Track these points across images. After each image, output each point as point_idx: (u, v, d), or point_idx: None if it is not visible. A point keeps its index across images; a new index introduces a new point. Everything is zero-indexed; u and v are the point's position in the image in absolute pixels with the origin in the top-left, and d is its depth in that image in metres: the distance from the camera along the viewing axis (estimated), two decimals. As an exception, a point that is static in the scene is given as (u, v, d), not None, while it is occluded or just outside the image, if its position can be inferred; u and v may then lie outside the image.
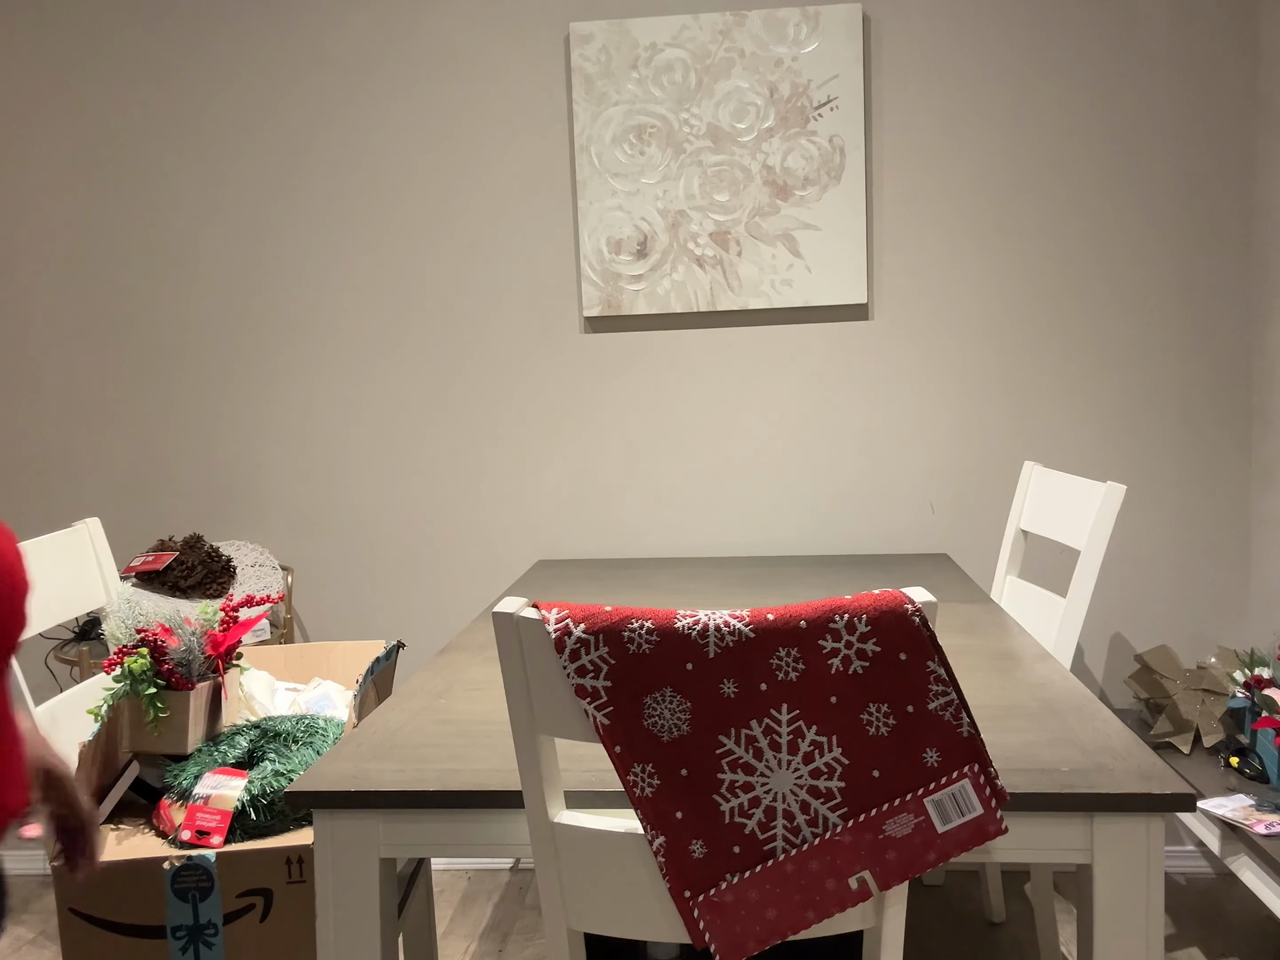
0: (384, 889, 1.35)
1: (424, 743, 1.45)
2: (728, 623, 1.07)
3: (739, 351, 2.68)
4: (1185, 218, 2.56)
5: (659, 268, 2.62)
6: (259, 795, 1.75)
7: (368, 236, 2.73)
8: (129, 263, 2.78)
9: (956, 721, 1.09)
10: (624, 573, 2.50)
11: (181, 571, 2.49)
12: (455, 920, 2.56)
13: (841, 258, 2.59)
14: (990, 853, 1.24)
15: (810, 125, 2.57)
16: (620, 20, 2.58)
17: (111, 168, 2.76)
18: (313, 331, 2.76)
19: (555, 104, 2.66)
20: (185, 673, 1.86)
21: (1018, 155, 2.58)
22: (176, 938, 1.70)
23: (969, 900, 2.58)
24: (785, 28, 2.54)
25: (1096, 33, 2.53)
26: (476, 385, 2.74)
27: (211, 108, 2.73)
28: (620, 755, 1.09)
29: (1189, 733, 2.31)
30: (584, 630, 1.08)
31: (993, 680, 1.62)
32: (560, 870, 1.16)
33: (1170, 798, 1.20)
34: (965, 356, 2.64)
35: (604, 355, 2.71)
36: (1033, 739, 1.38)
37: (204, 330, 2.78)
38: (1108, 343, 2.61)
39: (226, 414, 2.80)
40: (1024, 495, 2.39)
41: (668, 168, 2.60)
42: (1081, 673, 2.68)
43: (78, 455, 2.82)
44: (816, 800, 1.09)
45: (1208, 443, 2.60)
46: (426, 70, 2.68)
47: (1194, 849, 2.68)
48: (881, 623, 1.06)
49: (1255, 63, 2.51)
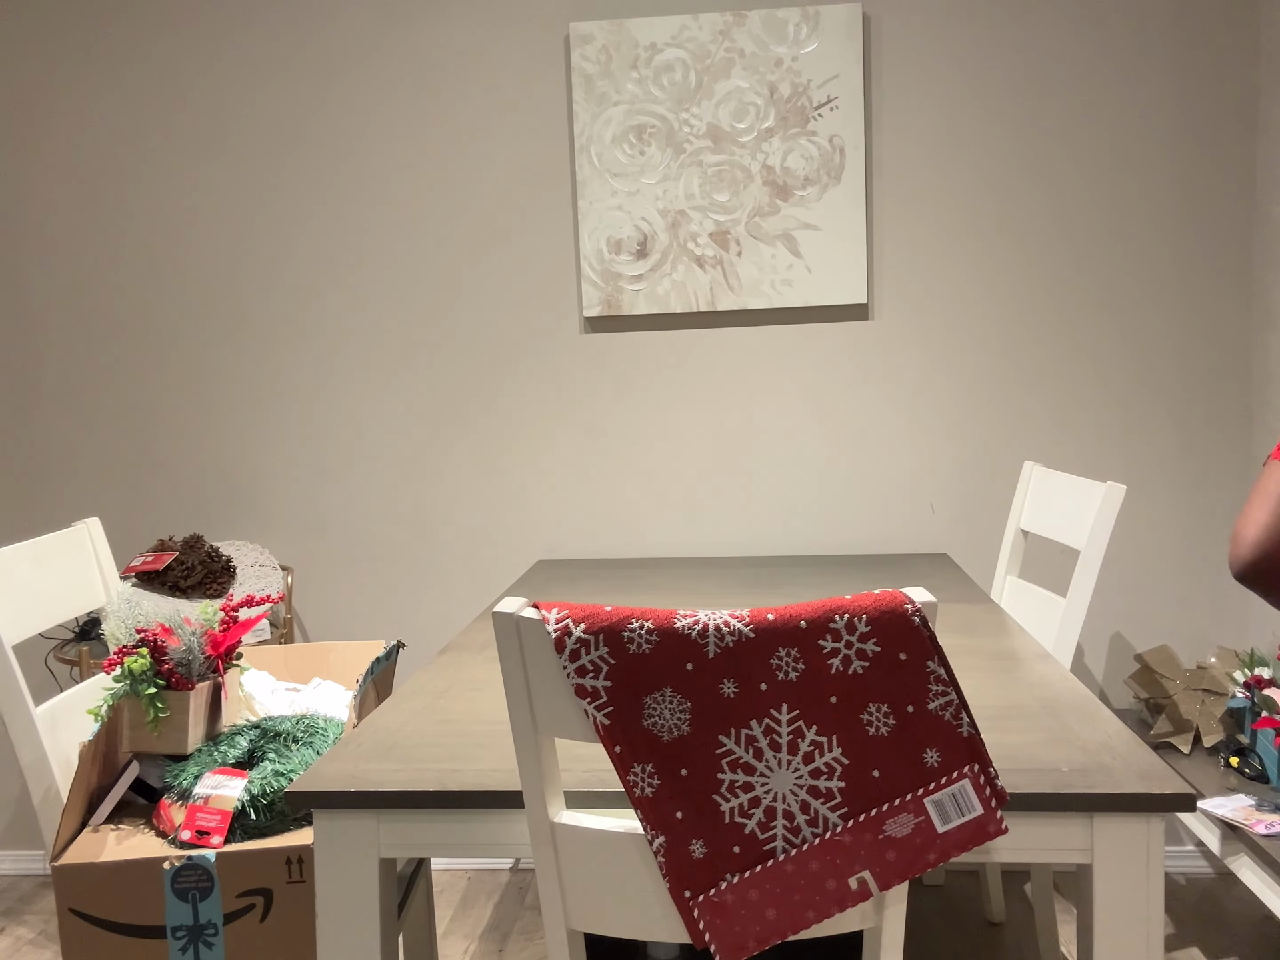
0: (384, 889, 1.35)
1: (424, 743, 1.45)
2: (728, 623, 1.07)
3: (739, 352, 2.68)
4: (1185, 218, 2.56)
5: (659, 268, 2.62)
6: (259, 795, 1.75)
7: (367, 236, 2.73)
8: (129, 263, 2.78)
9: (956, 721, 1.09)
10: (624, 573, 2.50)
11: (181, 571, 2.49)
12: (455, 920, 2.56)
13: (841, 258, 2.59)
14: (990, 853, 1.24)
15: (810, 125, 2.57)
16: (620, 20, 2.58)
17: (112, 168, 2.76)
18: (313, 332, 2.76)
19: (555, 104, 2.66)
20: (185, 673, 1.86)
21: (1018, 155, 2.58)
22: (176, 938, 1.70)
23: (969, 900, 2.58)
24: (785, 28, 2.54)
25: (1096, 33, 2.53)
26: (476, 385, 2.74)
27: (211, 108, 2.73)
28: (620, 755, 1.09)
29: (1189, 733, 2.31)
30: (584, 630, 1.08)
31: (993, 680, 1.62)
32: (560, 870, 1.16)
33: (1170, 798, 1.20)
34: (965, 356, 2.64)
35: (604, 355, 2.71)
36: (1033, 739, 1.38)
37: (204, 330, 2.78)
38: (1108, 342, 2.61)
39: (227, 414, 2.80)
40: (1024, 495, 2.39)
41: (668, 168, 2.60)
42: (1081, 673, 2.68)
43: (78, 455, 2.82)
44: (816, 800, 1.09)
45: (1208, 443, 2.60)
46: (426, 71, 2.68)
47: (1194, 849, 2.68)
48: (881, 623, 1.06)
49: (1255, 63, 2.51)
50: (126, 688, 1.83)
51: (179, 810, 1.76)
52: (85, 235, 2.78)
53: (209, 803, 1.74)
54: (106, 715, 1.80)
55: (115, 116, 2.75)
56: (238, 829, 1.73)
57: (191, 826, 1.72)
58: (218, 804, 1.74)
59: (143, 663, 1.81)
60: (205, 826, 1.72)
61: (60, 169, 2.77)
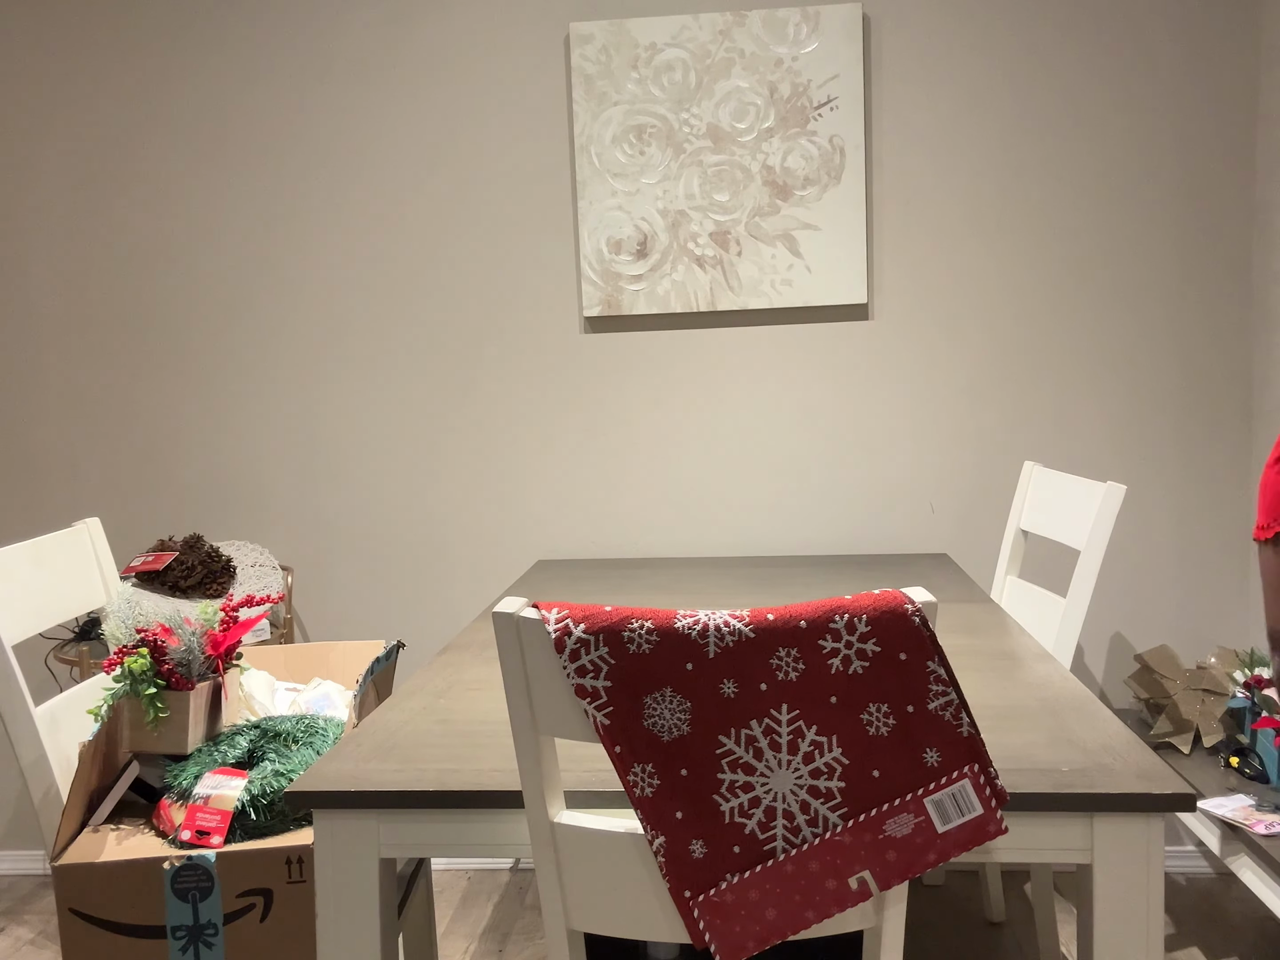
0: (384, 889, 1.35)
1: (424, 743, 1.45)
2: (728, 623, 1.07)
3: (739, 352, 2.68)
4: (1186, 218, 2.56)
5: (659, 268, 2.62)
6: (259, 795, 1.75)
7: (367, 237, 2.73)
8: (130, 263, 2.78)
9: (956, 721, 1.09)
10: (624, 573, 2.50)
11: (181, 571, 2.49)
12: (455, 920, 2.56)
13: (841, 258, 2.59)
14: (990, 853, 1.24)
15: (810, 125, 2.57)
16: (620, 20, 2.58)
17: (114, 169, 2.76)
18: (313, 332, 2.76)
19: (555, 104, 2.66)
20: (185, 673, 1.86)
21: (1018, 155, 2.58)
22: (176, 938, 1.70)
23: (969, 900, 2.58)
24: (785, 28, 2.54)
25: (1096, 33, 2.53)
26: (476, 385, 2.74)
27: (211, 109, 2.73)
28: (620, 755, 1.09)
29: (1189, 733, 2.31)
30: (584, 630, 1.08)
31: (993, 680, 1.62)
32: (560, 870, 1.16)
33: (1170, 798, 1.20)
34: (965, 356, 2.64)
35: (604, 355, 2.71)
36: (1033, 739, 1.37)
37: (204, 330, 2.78)
38: (1108, 342, 2.61)
39: (227, 414, 2.80)
40: (1024, 495, 2.39)
41: (668, 168, 2.60)
42: (1081, 673, 2.68)
43: (78, 455, 2.82)
44: (816, 800, 1.09)
45: (1208, 443, 2.60)
46: (426, 71, 2.68)
47: (1194, 849, 2.68)
48: (881, 623, 1.06)
49: (1256, 62, 2.51)
50: (126, 688, 1.83)
51: (179, 810, 1.76)
52: (86, 235, 2.78)
53: (209, 803, 1.74)
54: (106, 715, 1.80)
55: (114, 117, 2.75)
56: (238, 829, 1.73)
57: (191, 826, 1.72)
58: (218, 804, 1.74)
59: (143, 663, 1.81)
60: (205, 826, 1.72)
61: (61, 169, 2.77)
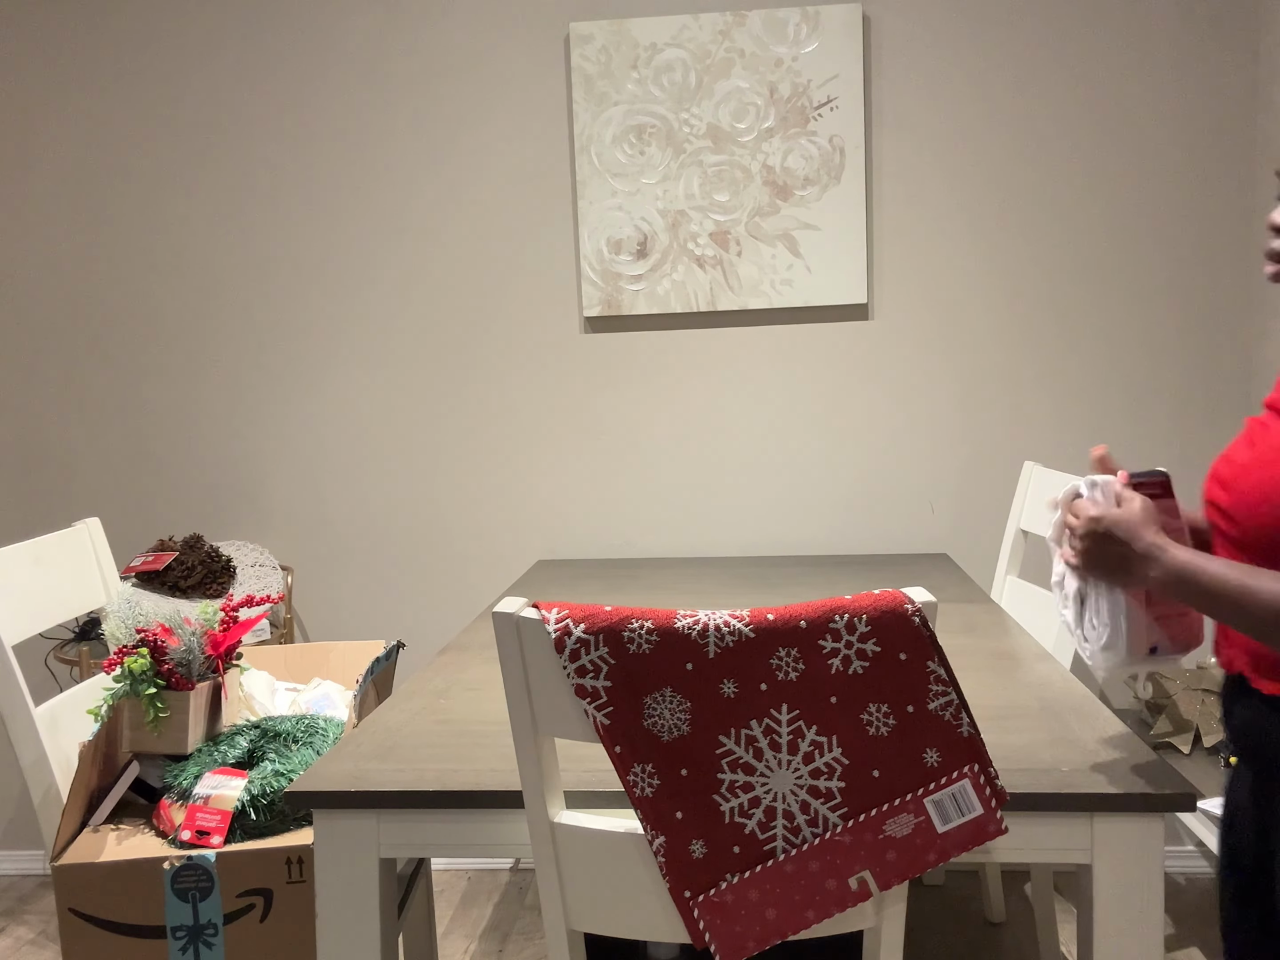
0: (384, 889, 1.35)
1: (424, 743, 1.45)
2: (728, 623, 1.07)
3: (739, 352, 2.68)
4: (1185, 218, 2.56)
5: (659, 268, 2.62)
6: (259, 795, 1.75)
7: (367, 236, 2.73)
8: (130, 263, 2.78)
9: (956, 721, 1.09)
10: (624, 573, 2.50)
11: (181, 571, 2.49)
12: (455, 920, 2.56)
13: (841, 258, 2.59)
14: (990, 853, 1.24)
15: (810, 125, 2.57)
16: (620, 20, 2.58)
17: (114, 169, 2.76)
18: (313, 332, 2.76)
19: (555, 104, 2.66)
20: (185, 673, 1.86)
21: (1018, 155, 2.58)
22: (176, 938, 1.70)
23: (969, 900, 2.58)
24: (785, 28, 2.54)
25: (1096, 33, 2.53)
26: (476, 385, 2.74)
27: (211, 109, 2.73)
28: (620, 755, 1.09)
29: (1189, 733, 2.31)
30: (584, 630, 1.08)
31: (993, 680, 1.62)
32: (560, 870, 1.16)
33: (1170, 798, 1.20)
34: (965, 356, 2.64)
35: (604, 355, 2.71)
36: (1033, 739, 1.38)
37: (204, 331, 2.78)
38: (1108, 342, 2.61)
39: (227, 414, 2.80)
40: (1024, 495, 2.39)
41: (668, 168, 2.60)
42: (1082, 673, 2.68)
43: (77, 455, 2.82)
44: (816, 800, 1.09)
45: (1207, 442, 2.60)
46: (426, 70, 2.68)
47: (1194, 849, 2.68)
48: (881, 623, 1.06)
49: (1255, 62, 2.51)
50: (126, 688, 1.83)
51: (179, 810, 1.76)
52: (85, 235, 2.78)
53: (209, 803, 1.74)
54: (106, 715, 1.80)
55: (114, 118, 2.74)
56: (238, 829, 1.73)
57: (191, 826, 1.72)
58: (218, 804, 1.74)
59: (143, 663, 1.81)
60: (205, 826, 1.72)
61: (61, 169, 2.77)
